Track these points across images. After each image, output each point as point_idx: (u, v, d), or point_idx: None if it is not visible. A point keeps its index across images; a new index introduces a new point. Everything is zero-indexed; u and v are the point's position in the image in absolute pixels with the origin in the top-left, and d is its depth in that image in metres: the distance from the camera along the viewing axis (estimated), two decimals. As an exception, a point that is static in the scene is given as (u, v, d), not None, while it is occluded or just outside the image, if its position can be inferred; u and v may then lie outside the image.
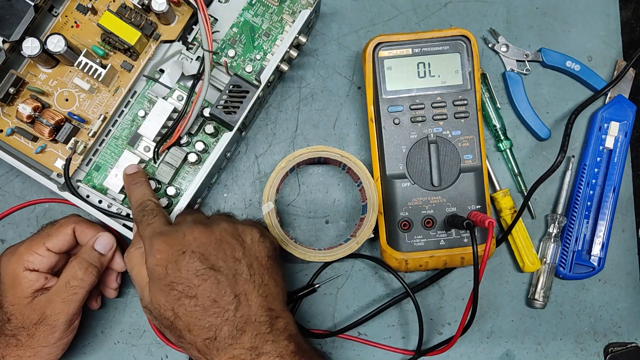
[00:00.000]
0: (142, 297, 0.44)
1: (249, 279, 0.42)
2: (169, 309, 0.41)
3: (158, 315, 0.43)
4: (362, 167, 0.54)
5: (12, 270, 0.48)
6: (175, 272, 0.41)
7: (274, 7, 0.55)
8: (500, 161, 0.59)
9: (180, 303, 0.41)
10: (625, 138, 0.58)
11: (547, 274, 0.58)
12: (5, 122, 0.53)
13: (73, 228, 0.50)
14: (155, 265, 0.42)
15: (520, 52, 0.60)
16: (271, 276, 0.44)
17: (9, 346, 0.48)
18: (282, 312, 0.44)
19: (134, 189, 0.49)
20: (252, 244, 0.44)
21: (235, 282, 0.42)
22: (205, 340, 0.41)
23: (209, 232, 0.43)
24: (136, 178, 0.50)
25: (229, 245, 0.43)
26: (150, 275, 0.43)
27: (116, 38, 0.51)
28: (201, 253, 0.42)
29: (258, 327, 0.41)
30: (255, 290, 0.42)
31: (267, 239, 0.46)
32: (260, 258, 0.44)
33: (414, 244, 0.53)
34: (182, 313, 0.41)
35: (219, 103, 0.50)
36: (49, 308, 0.48)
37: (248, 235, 0.45)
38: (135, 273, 0.45)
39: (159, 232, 0.44)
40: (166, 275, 0.41)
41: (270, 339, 0.41)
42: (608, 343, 0.59)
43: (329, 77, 0.59)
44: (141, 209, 0.47)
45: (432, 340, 0.58)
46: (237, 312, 0.41)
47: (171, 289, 0.41)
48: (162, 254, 0.42)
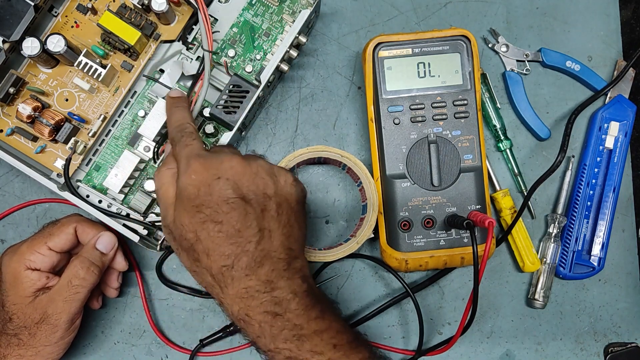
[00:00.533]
0: (164, 216, 0.44)
1: (275, 217, 0.43)
2: (191, 230, 0.41)
3: (178, 236, 0.42)
4: (362, 167, 0.54)
5: (13, 269, 0.48)
6: (207, 195, 0.41)
7: (274, 7, 0.55)
8: (500, 161, 0.60)
9: (204, 227, 0.41)
10: (625, 138, 0.58)
11: (547, 274, 0.58)
12: (5, 122, 0.53)
13: (74, 227, 0.51)
14: (188, 185, 0.41)
15: (520, 52, 0.60)
16: (296, 219, 0.44)
17: (11, 345, 0.48)
18: (300, 253, 0.44)
19: (176, 110, 0.48)
20: (284, 185, 0.44)
21: (262, 217, 0.42)
22: (222, 267, 0.41)
23: (245, 164, 0.43)
24: (179, 102, 0.49)
25: (263, 180, 0.43)
26: (180, 194, 0.42)
27: (116, 38, 0.51)
28: (235, 182, 0.42)
29: (276, 263, 0.42)
30: (279, 228, 0.43)
31: (299, 184, 0.46)
32: (290, 200, 0.44)
33: (414, 244, 0.53)
34: (204, 237, 0.41)
35: (219, 103, 0.50)
36: (51, 307, 0.48)
37: (282, 177, 0.45)
38: (163, 191, 0.44)
39: (197, 154, 0.43)
40: (197, 197, 0.41)
41: (285, 276, 0.42)
42: (608, 343, 0.59)
43: (329, 77, 0.59)
44: (180, 129, 0.46)
45: (432, 340, 0.58)
46: (258, 245, 0.41)
47: (198, 211, 0.41)
48: (197, 175, 0.42)
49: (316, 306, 0.42)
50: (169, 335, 0.57)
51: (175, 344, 0.57)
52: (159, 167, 0.46)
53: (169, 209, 0.43)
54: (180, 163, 0.44)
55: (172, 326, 0.57)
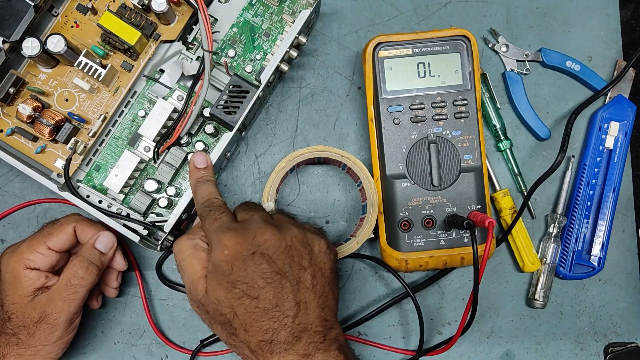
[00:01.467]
0: (192, 291, 0.43)
1: (311, 289, 0.43)
2: (227, 305, 0.41)
3: (213, 311, 0.42)
4: (362, 167, 0.54)
5: (12, 268, 0.48)
6: (242, 270, 0.41)
7: (274, 7, 0.55)
8: (500, 161, 0.59)
9: (241, 302, 0.41)
10: (625, 138, 0.58)
11: (547, 274, 0.58)
12: (5, 122, 0.53)
13: (74, 227, 0.51)
14: (222, 261, 0.41)
15: (520, 52, 0.60)
16: (331, 288, 0.44)
17: (10, 345, 0.48)
18: (334, 323, 0.44)
19: (202, 185, 0.48)
20: (319, 254, 0.44)
21: (298, 289, 0.42)
22: (260, 342, 0.41)
23: (280, 237, 0.43)
24: (205, 175, 0.49)
25: (298, 252, 0.43)
26: (214, 269, 0.42)
27: (116, 38, 0.51)
28: (270, 256, 0.42)
29: (313, 336, 0.42)
30: (315, 299, 0.43)
31: (332, 250, 0.46)
32: (324, 269, 0.44)
33: (414, 244, 0.53)
34: (242, 312, 0.41)
35: (219, 103, 0.50)
36: (50, 307, 0.48)
37: (316, 245, 0.45)
38: (187, 265, 0.44)
39: (227, 227, 0.43)
40: (231, 273, 0.41)
41: (322, 348, 0.41)
42: (608, 343, 0.59)
43: (329, 77, 0.59)
44: (208, 204, 0.46)
45: (432, 340, 0.58)
46: (295, 319, 0.41)
47: (234, 287, 0.41)
48: (230, 250, 0.41)
49: None
50: (169, 335, 0.57)
51: (175, 344, 0.57)
52: (181, 237, 0.46)
53: (197, 284, 0.43)
54: (212, 239, 0.43)
55: (172, 326, 0.57)
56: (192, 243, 0.45)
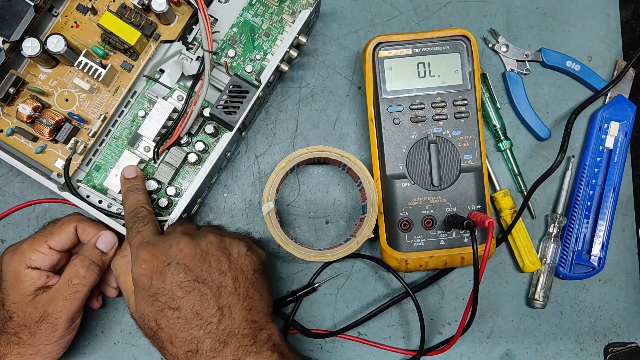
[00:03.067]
0: (128, 305, 0.45)
1: (233, 292, 0.43)
2: (152, 319, 0.41)
3: (142, 325, 0.43)
4: (362, 167, 0.54)
5: (14, 268, 0.48)
6: (160, 283, 0.41)
7: (274, 7, 0.55)
8: (500, 161, 0.60)
9: (163, 314, 0.41)
10: (625, 138, 0.58)
11: (547, 274, 0.58)
12: (5, 122, 0.53)
13: (75, 226, 0.51)
14: (140, 275, 0.42)
15: (520, 52, 0.60)
16: (256, 289, 0.44)
17: (11, 344, 0.48)
18: (266, 324, 0.44)
19: (130, 195, 0.49)
20: (238, 257, 0.45)
21: (220, 295, 0.42)
22: (187, 352, 0.41)
23: (195, 244, 0.43)
24: (134, 184, 0.50)
25: (215, 257, 0.43)
26: (135, 284, 0.43)
27: (116, 38, 0.51)
28: (186, 265, 0.42)
29: (241, 339, 0.41)
30: (239, 303, 0.42)
31: (254, 252, 0.46)
32: (246, 271, 0.44)
33: (414, 244, 0.53)
34: (165, 324, 0.41)
35: (219, 103, 0.50)
36: (51, 306, 0.48)
37: (235, 249, 0.45)
38: (122, 281, 0.45)
39: (146, 242, 0.44)
40: (150, 286, 0.41)
41: (253, 351, 0.41)
42: (608, 343, 0.59)
43: (329, 77, 0.59)
44: (133, 214, 0.47)
45: (432, 340, 0.58)
46: (220, 325, 0.41)
47: (155, 300, 0.41)
48: (147, 264, 0.42)
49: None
50: (169, 335, 0.57)
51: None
52: (115, 256, 0.47)
53: (130, 299, 0.44)
54: (132, 252, 0.44)
55: (172, 326, 0.57)
56: (124, 260, 0.46)
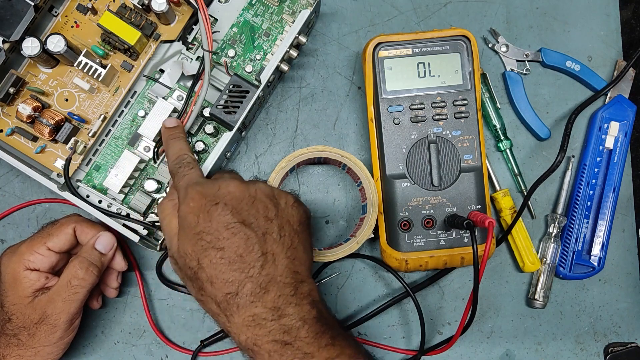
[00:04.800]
0: (169, 247, 0.44)
1: (278, 240, 0.42)
2: (194, 258, 0.41)
3: (183, 265, 0.42)
4: (362, 167, 0.54)
5: (12, 269, 0.48)
6: (206, 222, 0.41)
7: (274, 7, 0.55)
8: (500, 161, 0.60)
9: (206, 254, 0.40)
10: (625, 138, 0.58)
11: (547, 274, 0.58)
12: (5, 122, 0.53)
13: (74, 227, 0.51)
14: (188, 213, 0.41)
15: (520, 52, 0.60)
16: (300, 241, 0.44)
17: (10, 346, 0.48)
18: (307, 277, 0.43)
19: (172, 143, 0.49)
20: (285, 206, 0.44)
21: (265, 241, 0.41)
22: (226, 294, 0.40)
23: (244, 188, 0.43)
24: (175, 132, 0.49)
25: (263, 204, 0.43)
26: (181, 223, 0.42)
27: (116, 38, 0.51)
28: (234, 206, 0.41)
29: (282, 288, 0.41)
30: (283, 251, 0.42)
31: (301, 205, 0.45)
32: (292, 222, 0.44)
33: (414, 244, 0.53)
34: (207, 264, 0.40)
35: (219, 103, 0.50)
36: (50, 307, 0.48)
37: (283, 199, 0.44)
38: (167, 223, 0.44)
39: (195, 182, 0.43)
40: (197, 224, 0.41)
41: (293, 302, 0.41)
42: (608, 343, 0.59)
43: (329, 77, 0.59)
44: (178, 161, 0.47)
45: (432, 340, 0.58)
46: (262, 270, 0.41)
47: (199, 239, 0.41)
48: (195, 202, 0.41)
49: (326, 333, 0.41)
50: (169, 335, 0.57)
51: (175, 344, 0.57)
52: (162, 200, 0.46)
53: (172, 240, 0.43)
54: (180, 193, 0.44)
55: (172, 326, 0.57)
56: (171, 204, 0.45)
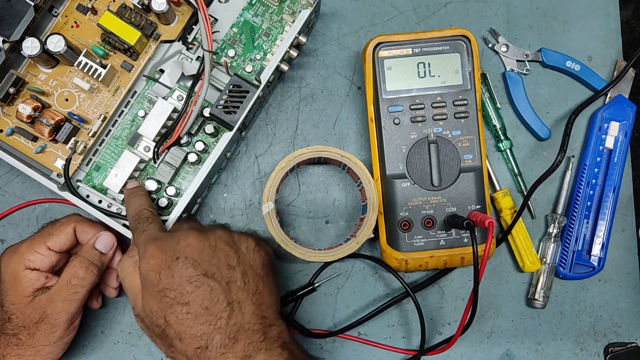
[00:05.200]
0: (134, 306, 0.44)
1: (242, 287, 0.42)
2: (160, 316, 0.41)
3: (150, 323, 0.42)
4: (362, 167, 0.54)
5: (12, 269, 0.48)
6: (169, 278, 0.41)
7: (274, 7, 0.55)
8: (500, 161, 0.59)
9: (172, 310, 0.40)
10: (625, 138, 0.58)
11: (547, 274, 0.58)
12: (5, 122, 0.53)
13: (74, 227, 0.51)
14: (149, 271, 0.41)
15: (520, 52, 0.60)
16: (265, 285, 0.44)
17: (10, 345, 0.48)
18: (275, 320, 0.43)
19: (132, 199, 0.49)
20: (247, 252, 0.44)
21: (229, 290, 0.41)
22: (196, 349, 0.40)
23: (203, 239, 0.43)
24: (135, 191, 0.50)
25: (224, 252, 0.43)
26: (144, 281, 0.42)
27: (116, 38, 0.51)
28: (194, 259, 0.41)
29: (251, 335, 0.41)
30: (249, 298, 0.42)
31: (262, 248, 0.46)
32: (255, 266, 0.44)
33: (414, 244, 0.53)
34: (174, 321, 0.40)
35: (219, 103, 0.50)
36: (50, 307, 0.48)
37: (243, 244, 0.45)
38: (128, 281, 0.44)
39: (153, 238, 0.43)
40: (159, 282, 0.41)
41: (263, 347, 0.41)
42: (608, 343, 0.59)
43: (329, 77, 0.59)
44: (137, 217, 0.47)
45: (432, 340, 0.58)
46: (229, 320, 0.41)
47: (164, 296, 0.41)
48: (155, 259, 0.41)
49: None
50: (169, 335, 0.57)
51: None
52: (121, 257, 0.46)
53: (136, 298, 0.43)
54: (139, 250, 0.43)
55: (172, 326, 0.57)
56: (132, 260, 0.45)
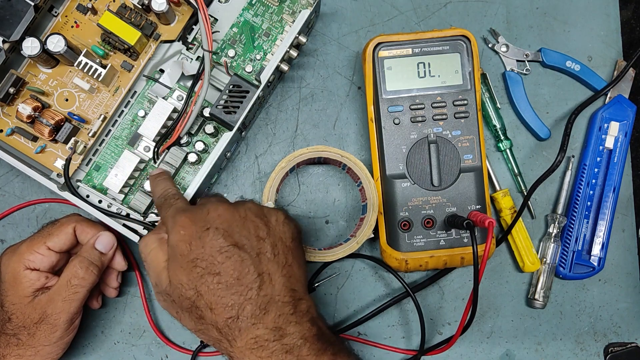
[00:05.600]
0: (157, 283, 0.43)
1: (272, 259, 0.42)
2: (191, 287, 0.41)
3: (178, 297, 0.41)
4: (362, 167, 0.54)
5: (12, 269, 0.48)
6: (199, 248, 0.41)
7: (274, 7, 0.55)
8: (500, 161, 0.59)
9: (203, 281, 0.40)
10: (625, 138, 0.58)
11: (547, 274, 0.58)
12: (5, 122, 0.53)
13: (74, 227, 0.51)
14: (179, 242, 0.41)
15: (520, 52, 0.60)
16: (295, 258, 0.44)
17: (10, 345, 0.48)
18: (304, 294, 0.43)
19: (158, 183, 0.49)
20: (276, 224, 0.44)
21: (259, 261, 0.41)
22: (227, 319, 0.40)
23: (233, 210, 0.43)
24: (160, 175, 0.50)
25: (253, 223, 0.42)
26: (173, 253, 0.42)
27: (116, 38, 0.51)
28: (225, 230, 0.41)
29: (281, 307, 0.41)
30: (279, 270, 0.42)
31: (292, 221, 0.45)
32: (285, 239, 0.44)
33: (414, 244, 0.53)
34: (205, 291, 0.40)
35: (219, 103, 0.50)
36: (50, 307, 0.48)
37: (273, 216, 0.44)
38: (152, 257, 0.44)
39: (182, 210, 0.43)
40: (190, 252, 0.41)
41: (293, 320, 0.41)
42: (608, 343, 0.59)
43: (329, 77, 0.59)
44: (163, 195, 0.47)
45: (432, 340, 0.58)
46: (260, 291, 0.40)
47: (194, 266, 0.40)
48: (185, 230, 0.41)
49: (328, 350, 0.41)
50: (169, 335, 0.57)
51: (175, 344, 0.57)
52: (145, 235, 0.46)
53: (161, 274, 0.43)
54: (168, 223, 0.43)
55: (172, 326, 0.57)
56: (157, 237, 0.45)
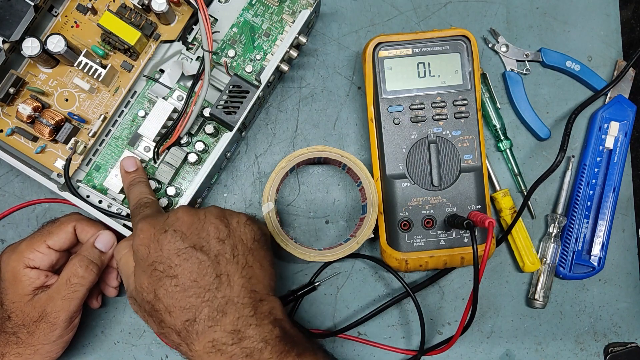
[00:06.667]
0: (127, 287, 0.44)
1: (232, 260, 0.42)
2: (150, 290, 0.41)
3: (141, 300, 0.42)
4: (362, 167, 0.54)
5: (12, 267, 0.48)
6: (157, 250, 0.41)
7: (274, 7, 0.55)
8: (500, 161, 0.59)
9: (161, 284, 0.40)
10: (625, 138, 0.58)
11: (547, 274, 0.58)
12: (5, 122, 0.53)
13: (74, 226, 0.51)
14: (139, 245, 0.42)
15: (520, 52, 0.60)
16: (256, 259, 0.43)
17: (9, 344, 0.48)
18: (266, 295, 0.42)
19: (132, 188, 0.49)
20: (237, 226, 0.44)
21: (218, 263, 0.41)
22: (184, 322, 0.40)
23: (193, 213, 0.43)
24: (135, 177, 0.50)
25: (213, 225, 0.42)
26: (135, 258, 0.42)
27: (116, 38, 0.51)
28: (183, 232, 0.41)
29: (240, 309, 0.40)
30: (238, 271, 0.41)
31: (254, 223, 0.45)
32: (246, 240, 0.43)
33: (414, 244, 0.53)
34: (163, 294, 0.40)
35: (219, 103, 0.50)
36: (50, 305, 0.48)
37: (234, 218, 0.44)
38: (123, 263, 0.44)
39: (146, 216, 0.44)
40: (148, 255, 0.41)
41: (253, 323, 0.40)
42: (608, 343, 0.59)
43: (329, 77, 0.59)
44: (138, 205, 0.47)
45: (432, 340, 0.58)
46: (217, 293, 0.40)
47: (153, 269, 0.41)
48: (144, 234, 0.42)
49: (292, 351, 0.40)
50: (169, 335, 0.57)
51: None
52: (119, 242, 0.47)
53: (129, 279, 0.43)
54: (134, 229, 0.44)
55: (171, 326, 0.57)
56: (128, 243, 0.45)
